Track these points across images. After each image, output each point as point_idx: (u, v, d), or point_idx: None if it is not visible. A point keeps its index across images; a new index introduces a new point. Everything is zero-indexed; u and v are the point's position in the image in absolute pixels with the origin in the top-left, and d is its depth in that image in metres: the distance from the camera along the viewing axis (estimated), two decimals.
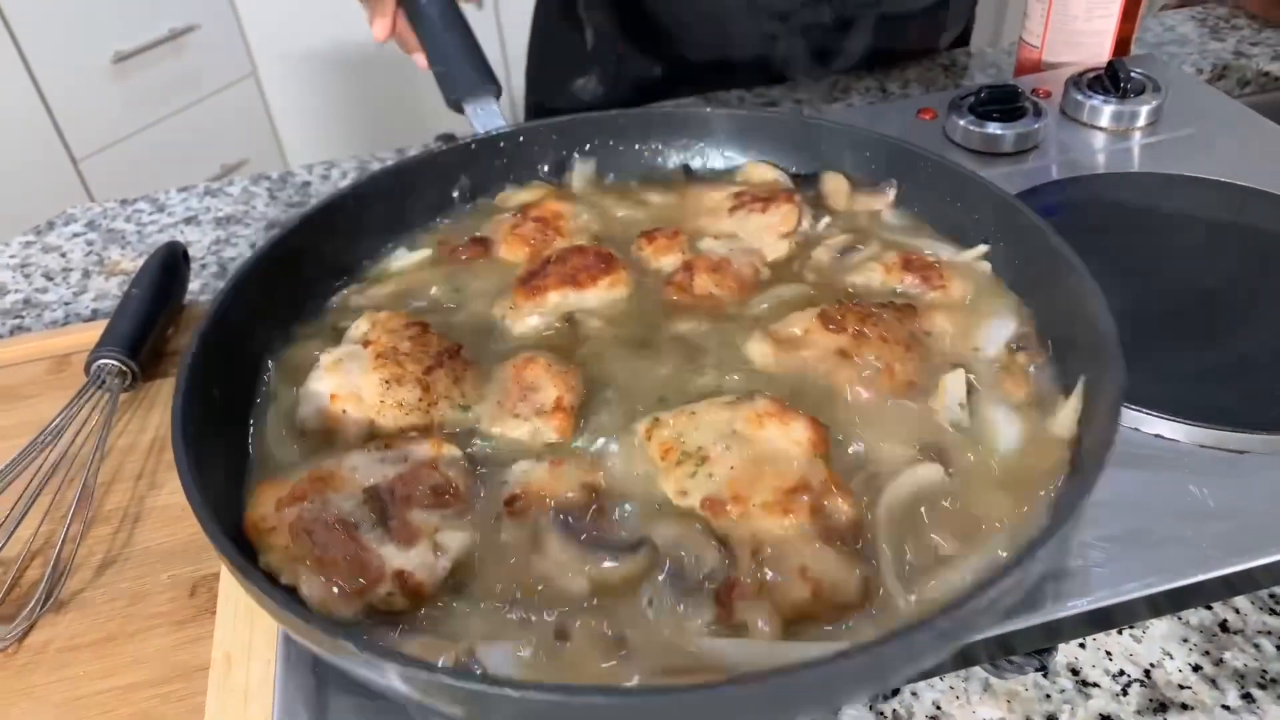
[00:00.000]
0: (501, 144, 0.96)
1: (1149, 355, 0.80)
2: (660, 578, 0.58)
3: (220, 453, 0.68)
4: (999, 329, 0.74)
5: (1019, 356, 0.72)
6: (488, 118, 0.98)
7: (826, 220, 0.87)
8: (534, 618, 0.57)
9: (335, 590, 0.57)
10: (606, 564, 0.58)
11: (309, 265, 0.84)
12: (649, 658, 0.55)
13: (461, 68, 1.00)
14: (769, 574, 0.57)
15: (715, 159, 0.98)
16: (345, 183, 1.34)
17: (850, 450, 0.66)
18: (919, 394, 0.69)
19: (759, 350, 0.73)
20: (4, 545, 0.77)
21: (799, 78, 1.50)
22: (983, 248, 0.81)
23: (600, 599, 0.58)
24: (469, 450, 0.67)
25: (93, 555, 0.80)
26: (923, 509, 0.62)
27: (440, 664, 0.53)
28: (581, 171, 0.97)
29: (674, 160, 0.99)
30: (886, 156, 0.89)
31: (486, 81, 0.99)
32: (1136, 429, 0.75)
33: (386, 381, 0.70)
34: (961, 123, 1.08)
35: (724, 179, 0.95)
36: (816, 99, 1.47)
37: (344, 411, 0.69)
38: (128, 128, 2.93)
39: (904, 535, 0.60)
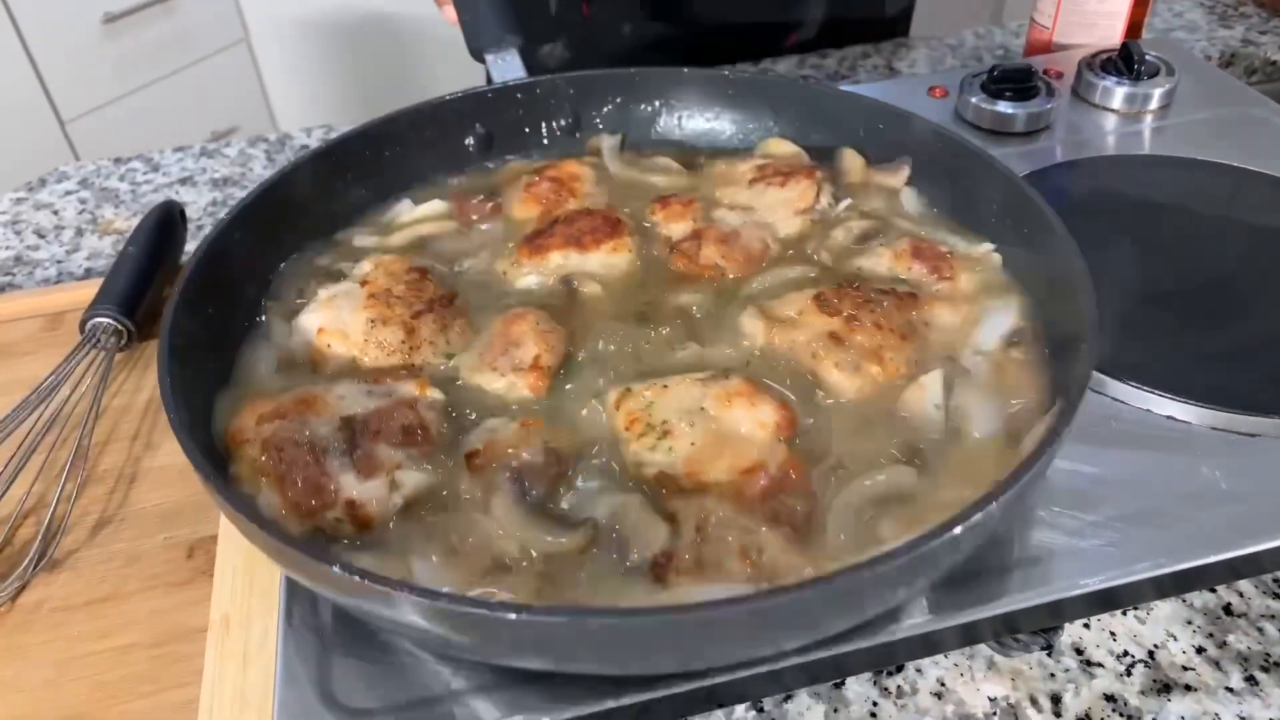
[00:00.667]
0: (518, 94, 0.94)
1: (1160, 337, 0.80)
2: (598, 551, 0.58)
3: (206, 372, 0.69)
4: (998, 323, 0.73)
5: (1013, 352, 0.71)
6: (508, 68, 0.97)
7: (847, 202, 0.86)
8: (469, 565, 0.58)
9: (289, 507, 0.59)
10: (546, 538, 0.58)
11: (319, 201, 0.84)
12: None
13: (487, 16, 0.98)
14: (710, 551, 0.56)
15: (727, 125, 0.97)
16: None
17: (820, 438, 0.65)
18: (904, 385, 0.68)
19: (751, 327, 0.73)
20: None
21: (761, 54, 1.50)
22: (992, 245, 0.80)
23: (534, 562, 0.58)
24: (453, 398, 0.68)
25: (87, 515, 0.78)
26: (882, 506, 0.60)
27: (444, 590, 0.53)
28: (606, 136, 0.96)
29: (691, 126, 0.97)
30: (905, 133, 0.87)
31: (510, 32, 0.98)
32: (1149, 410, 0.74)
33: (373, 321, 0.71)
34: (974, 101, 1.07)
35: (744, 152, 0.93)
36: (822, 76, 1.46)
37: (329, 346, 0.71)
38: (116, 90, 2.89)
39: (857, 526, 0.59)
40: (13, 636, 0.70)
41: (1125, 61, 1.10)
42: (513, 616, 0.46)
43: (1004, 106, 1.06)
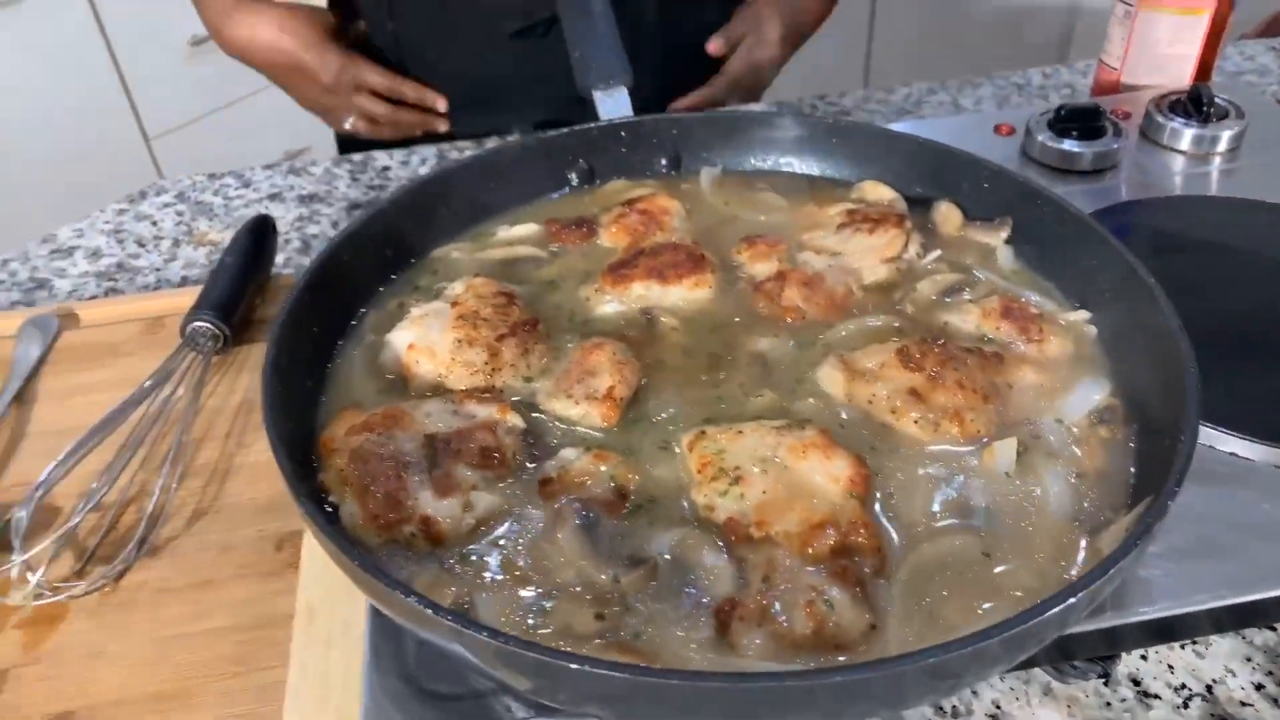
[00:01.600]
0: (622, 132, 0.97)
1: (1225, 375, 0.81)
2: (659, 589, 0.59)
3: (303, 383, 0.73)
4: (1086, 396, 0.71)
5: (1100, 429, 0.69)
6: (615, 105, 1.00)
7: (936, 254, 0.86)
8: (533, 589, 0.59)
9: (368, 517, 0.62)
10: (602, 575, 0.59)
11: (422, 223, 0.89)
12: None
13: (600, 54, 1.02)
14: (775, 602, 0.57)
15: (829, 169, 0.98)
16: (424, 169, 1.38)
17: (894, 497, 0.64)
18: (981, 448, 0.67)
19: (829, 377, 0.72)
20: (105, 492, 0.81)
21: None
22: (1087, 314, 0.78)
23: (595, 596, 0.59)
24: (532, 424, 0.70)
25: (185, 506, 0.83)
26: (948, 572, 0.60)
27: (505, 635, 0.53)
28: (706, 171, 0.98)
29: (789, 169, 0.99)
30: (1002, 188, 0.87)
31: (621, 71, 1.02)
32: (1211, 446, 0.75)
33: (459, 341, 0.74)
34: (1040, 139, 1.09)
35: (840, 193, 0.94)
36: (889, 112, 1.49)
37: (417, 362, 0.74)
38: (198, 109, 3.02)
39: (922, 591, 0.59)
40: (116, 614, 0.75)
41: (1194, 104, 1.11)
42: (573, 666, 0.47)
43: (1071, 145, 1.08)
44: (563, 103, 1.46)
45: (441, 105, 1.47)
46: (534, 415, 0.72)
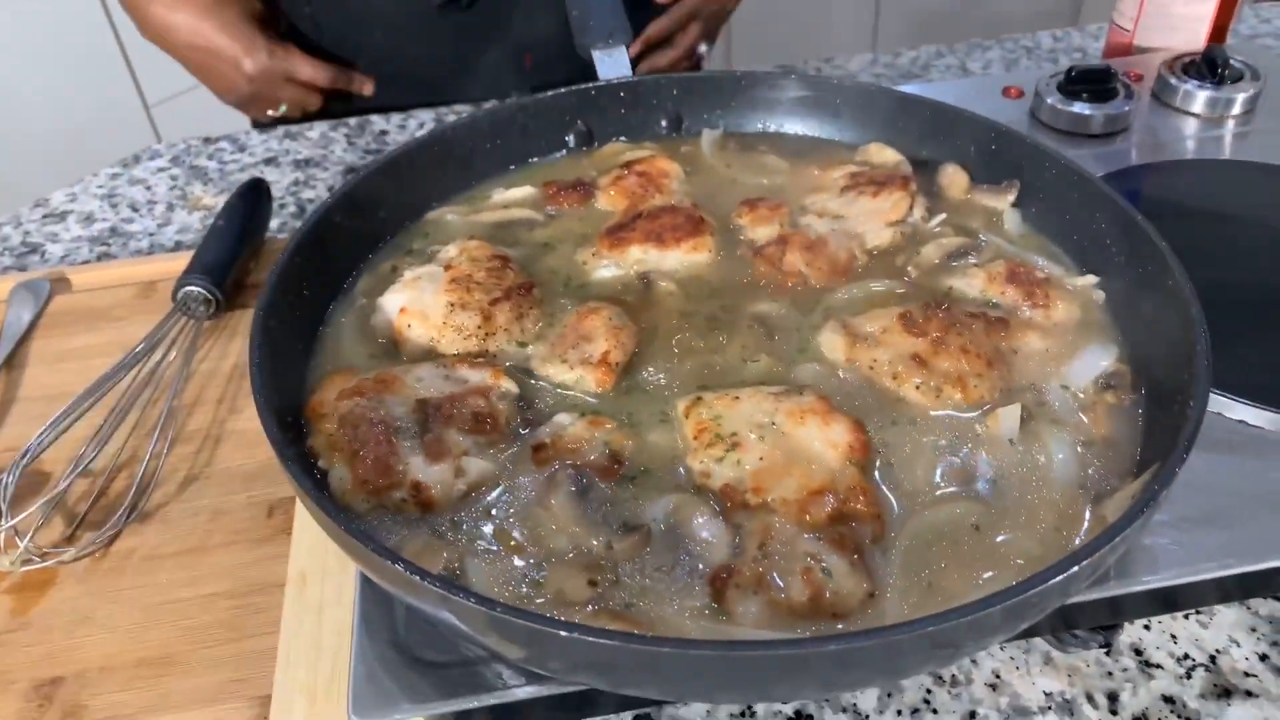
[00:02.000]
0: (622, 93, 0.96)
1: (1236, 342, 0.79)
2: (654, 556, 0.58)
3: (294, 346, 0.72)
4: (1093, 361, 0.70)
5: (1107, 395, 0.67)
6: (615, 65, 0.98)
7: (941, 217, 0.84)
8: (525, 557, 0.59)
9: (358, 483, 0.61)
10: (595, 540, 0.59)
11: (417, 185, 0.87)
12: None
13: (598, 12, 1.00)
14: (772, 569, 0.56)
15: (833, 132, 0.97)
16: (421, 133, 1.35)
17: (894, 464, 0.63)
18: (985, 415, 0.66)
19: (830, 342, 0.71)
20: (94, 457, 0.80)
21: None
22: (1095, 278, 0.77)
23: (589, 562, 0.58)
24: (525, 389, 0.69)
25: (176, 472, 0.82)
26: (947, 540, 0.59)
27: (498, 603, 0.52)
28: (707, 133, 0.96)
29: (793, 130, 0.98)
30: (1010, 150, 0.85)
31: (620, 30, 1.00)
32: (1220, 414, 0.74)
33: (452, 305, 0.73)
34: (1049, 101, 1.07)
35: (844, 156, 0.92)
36: (895, 75, 1.46)
37: (409, 326, 0.73)
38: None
39: (921, 559, 0.58)
40: (106, 580, 0.74)
41: (1209, 65, 1.08)
42: (563, 634, 0.46)
43: (1081, 107, 1.05)
44: (497, 75, 1.41)
45: (369, 89, 1.41)
46: (528, 381, 0.70)
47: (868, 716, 0.65)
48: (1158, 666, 0.67)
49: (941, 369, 0.67)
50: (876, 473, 0.63)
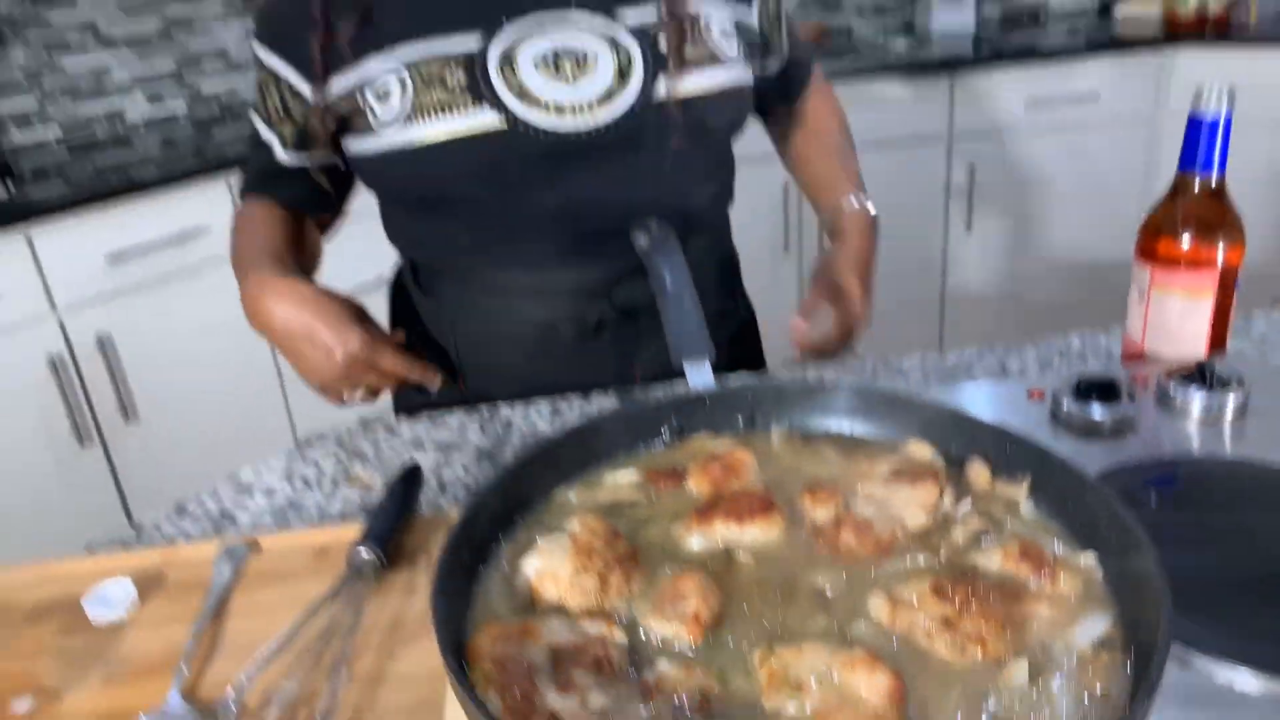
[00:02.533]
0: (707, 400, 1.22)
1: (1230, 615, 0.93)
2: None
3: (457, 604, 0.92)
4: (1091, 628, 0.85)
5: (1102, 654, 0.81)
6: (701, 376, 1.26)
7: (968, 504, 1.02)
8: None
9: (507, 711, 0.78)
10: None
11: (543, 475, 1.11)
12: None
13: (689, 334, 1.29)
14: None
15: (879, 430, 1.18)
16: (541, 422, 1.63)
17: (926, 706, 0.78)
18: (999, 669, 0.81)
19: (878, 607, 0.88)
20: (289, 690, 1.00)
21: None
22: (1093, 555, 0.92)
23: None
24: (633, 639, 0.88)
25: (346, 707, 1.01)
26: None
27: None
28: (776, 429, 1.20)
29: (845, 429, 1.19)
30: (1022, 452, 1.04)
31: (704, 348, 1.29)
32: (1208, 677, 0.87)
33: (576, 569, 0.93)
34: (1065, 405, 1.28)
35: (888, 450, 1.12)
36: (939, 373, 1.69)
37: (544, 586, 0.93)
38: None
39: None
40: None
41: (1200, 375, 1.29)
42: None
43: (1091, 410, 1.26)
44: (604, 385, 1.67)
45: (437, 384, 1.62)
46: (635, 632, 0.89)
47: None
48: None
49: (966, 630, 0.84)
50: (912, 711, 0.78)
